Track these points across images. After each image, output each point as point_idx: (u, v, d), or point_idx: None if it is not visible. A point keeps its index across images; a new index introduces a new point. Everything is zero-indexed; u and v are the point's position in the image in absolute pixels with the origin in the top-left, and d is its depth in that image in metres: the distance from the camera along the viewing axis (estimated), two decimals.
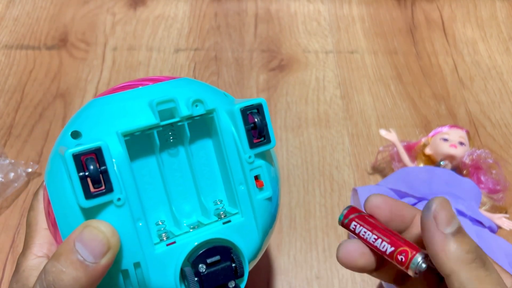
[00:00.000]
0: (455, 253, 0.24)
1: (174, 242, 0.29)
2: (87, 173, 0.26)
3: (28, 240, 0.33)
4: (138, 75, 0.70)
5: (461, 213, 0.49)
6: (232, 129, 0.31)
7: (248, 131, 0.31)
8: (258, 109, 0.31)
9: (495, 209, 0.55)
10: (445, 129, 0.58)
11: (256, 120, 0.31)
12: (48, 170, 0.31)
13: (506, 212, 0.55)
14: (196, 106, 0.30)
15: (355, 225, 0.30)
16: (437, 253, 0.24)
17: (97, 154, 0.26)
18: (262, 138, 0.31)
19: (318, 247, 0.52)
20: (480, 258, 0.24)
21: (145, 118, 0.29)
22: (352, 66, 0.73)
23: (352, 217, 0.30)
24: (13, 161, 0.56)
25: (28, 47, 0.73)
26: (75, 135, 0.30)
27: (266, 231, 0.33)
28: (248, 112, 0.31)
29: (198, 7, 0.81)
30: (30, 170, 0.56)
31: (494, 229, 0.53)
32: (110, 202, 0.27)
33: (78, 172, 0.26)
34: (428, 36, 0.79)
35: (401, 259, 0.27)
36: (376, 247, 0.29)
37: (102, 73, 0.70)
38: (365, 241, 0.29)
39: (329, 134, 0.64)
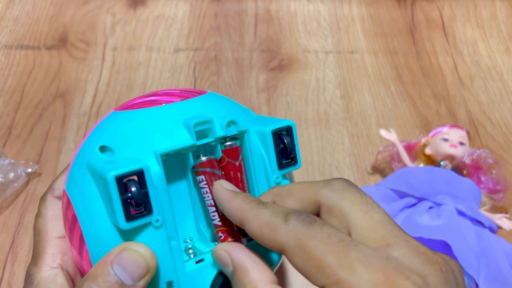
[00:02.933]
0: (239, 198, 0.27)
1: (202, 260, 0.30)
2: (129, 195, 0.26)
3: (39, 249, 0.32)
4: (138, 75, 0.70)
5: (461, 213, 0.49)
6: (261, 150, 0.31)
7: (278, 152, 0.31)
8: (287, 131, 0.31)
9: (495, 209, 0.55)
10: (445, 129, 0.58)
11: (286, 141, 0.31)
12: (72, 183, 0.30)
13: (506, 212, 0.55)
14: (230, 127, 0.30)
15: (202, 179, 0.30)
16: (227, 202, 0.28)
17: (139, 176, 0.26)
18: (289, 160, 0.32)
19: None
20: (258, 201, 0.27)
21: (181, 138, 0.29)
22: (352, 66, 0.73)
23: (205, 171, 0.30)
24: (13, 161, 0.56)
25: (28, 47, 0.73)
26: (104, 150, 0.30)
27: None
28: (278, 134, 0.31)
29: (198, 7, 0.81)
30: (30, 170, 0.56)
31: (494, 229, 0.53)
32: (148, 224, 0.27)
33: (121, 194, 0.26)
34: (428, 36, 0.79)
35: (221, 236, 0.30)
36: (208, 208, 0.30)
37: (102, 73, 0.70)
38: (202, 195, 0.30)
39: (329, 134, 0.64)
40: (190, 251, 0.31)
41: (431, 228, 0.45)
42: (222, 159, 0.31)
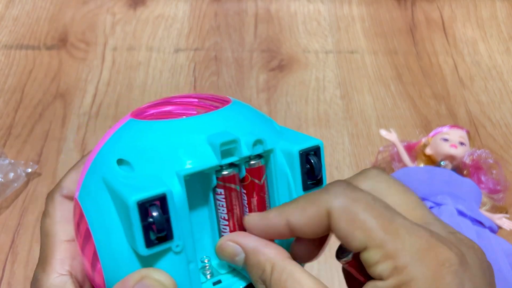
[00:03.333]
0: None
1: (220, 281, 0.29)
2: (150, 221, 0.25)
3: (47, 253, 0.31)
4: (138, 75, 0.70)
5: (461, 213, 0.49)
6: (287, 170, 0.30)
7: (304, 173, 0.30)
8: (315, 151, 0.30)
9: (495, 209, 0.55)
10: (445, 129, 0.58)
11: (313, 162, 0.30)
12: (86, 193, 0.29)
13: (506, 212, 0.55)
14: (256, 146, 0.29)
15: (221, 192, 0.29)
16: None
17: (161, 201, 0.25)
18: (315, 180, 0.31)
19: None
20: None
21: (206, 157, 0.28)
22: (352, 66, 0.73)
23: (225, 186, 0.29)
24: (12, 161, 0.56)
25: (28, 47, 0.73)
26: (122, 163, 0.28)
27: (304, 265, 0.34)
28: (305, 154, 0.30)
29: (198, 7, 0.81)
30: (29, 170, 0.56)
31: (495, 229, 0.52)
32: (168, 249, 0.26)
33: (142, 221, 0.25)
34: (428, 36, 0.79)
35: None
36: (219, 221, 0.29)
37: (101, 73, 0.70)
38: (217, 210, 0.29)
39: (329, 134, 0.64)
40: (207, 271, 0.30)
41: None
42: (245, 178, 0.30)
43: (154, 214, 0.25)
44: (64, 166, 0.58)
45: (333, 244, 0.56)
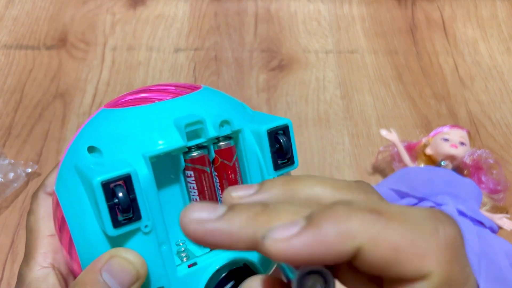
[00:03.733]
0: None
1: (195, 264, 0.29)
2: (116, 201, 0.25)
3: (31, 248, 0.31)
4: (138, 75, 0.70)
5: (461, 213, 0.49)
6: (257, 150, 0.30)
7: (273, 153, 0.30)
8: (283, 130, 0.30)
9: (495, 209, 0.55)
10: (445, 129, 0.58)
11: (282, 141, 0.30)
12: (60, 183, 0.29)
13: (507, 212, 0.55)
14: (223, 127, 0.29)
15: (191, 175, 0.29)
16: None
17: (126, 181, 0.25)
18: (286, 160, 0.31)
19: None
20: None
21: (172, 139, 0.28)
22: (352, 66, 0.73)
23: (194, 167, 0.29)
24: (12, 161, 0.56)
25: (27, 47, 0.73)
26: (93, 150, 0.29)
27: None
28: (274, 133, 0.30)
29: (198, 7, 0.81)
30: (29, 170, 0.56)
31: (495, 229, 0.52)
32: (137, 229, 0.27)
33: (107, 201, 0.25)
34: (428, 36, 0.79)
35: None
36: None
37: (101, 73, 0.70)
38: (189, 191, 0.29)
39: (329, 134, 0.64)
40: (183, 254, 0.30)
41: None
42: (215, 160, 0.30)
43: (119, 194, 0.25)
44: None
45: None
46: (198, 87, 0.32)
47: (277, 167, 0.30)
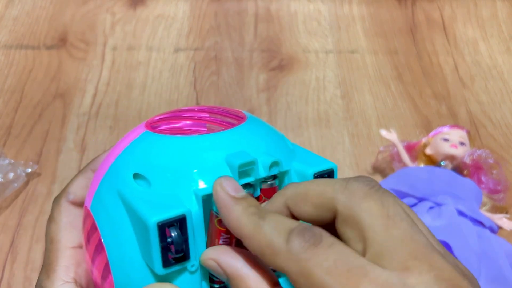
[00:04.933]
0: (238, 209, 0.24)
1: None
2: (169, 241, 0.25)
3: (52, 259, 0.31)
4: (138, 75, 0.70)
5: (461, 213, 0.49)
6: None
7: None
8: (328, 174, 0.30)
9: (495, 209, 0.55)
10: (445, 129, 0.57)
11: None
12: (100, 205, 0.29)
13: (506, 212, 0.55)
14: (272, 167, 0.29)
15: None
16: (227, 214, 0.25)
17: (181, 222, 0.25)
18: None
19: None
20: (259, 213, 0.24)
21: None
22: (352, 66, 0.73)
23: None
24: (12, 161, 0.56)
25: (27, 47, 0.73)
26: (138, 177, 0.28)
27: None
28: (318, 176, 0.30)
29: (198, 7, 0.81)
30: (29, 170, 0.56)
31: (495, 229, 0.52)
32: (183, 268, 0.26)
33: (161, 242, 0.25)
34: (428, 36, 0.79)
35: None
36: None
37: (101, 73, 0.70)
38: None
39: (329, 134, 0.64)
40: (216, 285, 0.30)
41: (432, 228, 0.45)
42: (259, 198, 0.30)
43: (173, 234, 0.25)
44: (64, 166, 0.58)
45: None
46: (241, 116, 0.32)
47: None
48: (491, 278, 0.46)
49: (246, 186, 0.29)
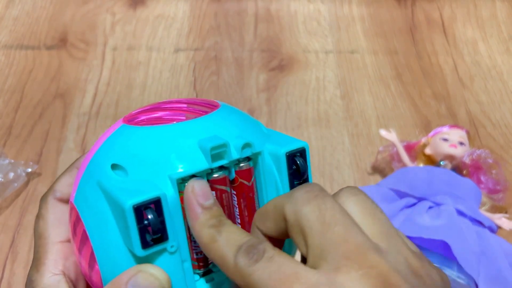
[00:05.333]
0: (201, 218, 0.27)
1: (212, 279, 0.30)
2: (145, 223, 0.26)
3: (41, 254, 0.32)
4: (138, 75, 0.70)
5: (461, 213, 0.49)
6: (274, 171, 0.31)
7: (290, 174, 0.31)
8: (301, 152, 0.31)
9: (495, 209, 0.55)
10: (445, 129, 0.58)
11: (299, 163, 0.31)
12: (82, 197, 0.30)
13: (506, 212, 0.55)
14: (244, 149, 0.30)
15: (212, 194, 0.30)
16: (191, 219, 0.27)
17: (156, 204, 0.26)
18: (301, 180, 0.32)
19: None
20: (217, 225, 0.26)
21: (197, 161, 0.29)
22: (352, 66, 0.73)
23: (216, 188, 0.30)
24: (12, 161, 0.56)
25: (28, 47, 0.73)
26: (117, 168, 0.29)
27: None
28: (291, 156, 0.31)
29: (198, 7, 0.81)
30: (29, 170, 0.56)
31: (494, 229, 0.53)
32: (163, 249, 0.28)
33: (138, 223, 0.26)
34: (428, 36, 0.79)
35: None
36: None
37: (101, 73, 0.70)
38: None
39: (329, 134, 0.64)
40: (201, 269, 0.31)
41: (431, 228, 0.45)
42: (235, 180, 0.31)
43: (150, 216, 0.26)
44: (64, 166, 0.58)
45: None
46: (215, 105, 0.33)
47: (292, 187, 0.32)
48: (490, 278, 0.46)
49: (220, 168, 0.30)
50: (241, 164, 0.31)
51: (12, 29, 0.76)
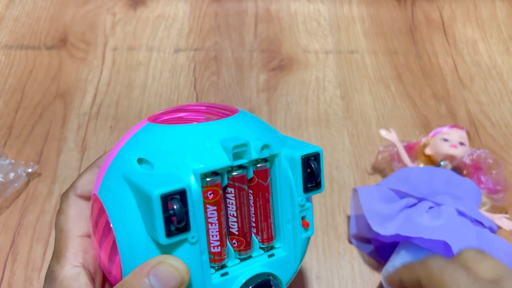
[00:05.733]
0: None
1: (227, 273, 0.32)
2: (171, 212, 0.27)
3: (62, 247, 0.33)
4: (138, 75, 0.70)
5: (461, 213, 0.49)
6: (289, 173, 0.33)
7: (305, 177, 0.33)
8: (315, 157, 0.33)
9: (495, 209, 0.55)
10: (445, 129, 0.58)
11: (313, 167, 0.33)
12: (107, 190, 0.31)
13: (506, 213, 0.55)
14: (263, 150, 0.32)
15: (231, 191, 0.32)
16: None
17: (181, 195, 0.28)
18: (314, 183, 0.33)
19: (318, 247, 0.52)
20: None
21: (219, 158, 0.31)
22: (352, 66, 0.73)
23: (234, 185, 0.32)
24: (13, 161, 0.56)
25: (28, 47, 0.73)
26: (143, 162, 0.31)
27: (301, 262, 0.36)
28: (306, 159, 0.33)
29: (198, 7, 0.81)
30: (30, 170, 0.56)
31: (494, 230, 0.53)
32: (184, 239, 0.29)
33: (164, 212, 0.27)
34: (428, 36, 0.79)
35: (234, 243, 0.32)
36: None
37: (102, 73, 0.70)
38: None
39: (329, 134, 0.64)
40: (216, 263, 0.33)
41: (432, 228, 0.45)
42: (252, 179, 0.33)
43: (175, 206, 0.27)
44: (65, 166, 0.58)
45: (334, 242, 0.56)
46: (234, 109, 0.35)
47: (306, 189, 0.33)
48: None
49: (240, 167, 0.32)
50: (259, 165, 0.32)
51: (12, 29, 0.76)
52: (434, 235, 0.45)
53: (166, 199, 0.27)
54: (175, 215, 0.27)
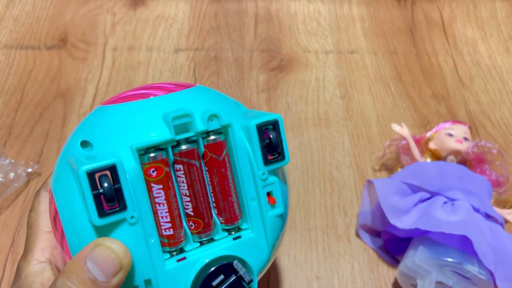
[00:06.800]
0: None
1: (184, 258, 0.29)
2: (101, 191, 0.26)
3: (30, 243, 0.32)
4: (138, 75, 0.70)
5: (475, 209, 0.49)
6: (246, 145, 0.30)
7: (263, 147, 0.30)
8: (273, 125, 0.30)
9: (498, 202, 0.55)
10: (447, 124, 0.57)
11: (271, 136, 0.30)
12: (55, 178, 0.30)
13: (510, 207, 0.55)
14: (211, 121, 0.29)
15: (180, 168, 0.29)
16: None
17: (111, 171, 0.26)
18: (277, 155, 0.31)
19: (318, 247, 0.52)
20: None
21: (160, 132, 0.29)
22: (352, 66, 0.73)
23: (183, 161, 0.29)
24: (13, 161, 0.56)
25: (28, 47, 0.73)
26: (85, 144, 0.29)
27: (275, 245, 0.33)
28: (263, 128, 0.30)
29: (198, 7, 0.81)
30: (30, 170, 0.56)
31: (503, 225, 0.52)
32: (123, 220, 0.27)
33: (92, 190, 0.26)
34: (428, 36, 0.79)
35: (191, 226, 0.30)
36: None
37: (102, 73, 0.70)
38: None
39: (329, 134, 0.64)
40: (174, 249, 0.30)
41: (451, 223, 0.45)
42: (205, 154, 0.30)
43: (104, 184, 0.26)
44: None
45: (334, 242, 0.56)
46: (192, 85, 0.33)
47: (267, 162, 0.30)
48: (504, 276, 0.45)
49: (189, 141, 0.29)
50: (211, 137, 0.30)
51: (12, 29, 0.76)
52: (455, 230, 0.44)
53: (93, 175, 0.25)
54: (104, 193, 0.26)
